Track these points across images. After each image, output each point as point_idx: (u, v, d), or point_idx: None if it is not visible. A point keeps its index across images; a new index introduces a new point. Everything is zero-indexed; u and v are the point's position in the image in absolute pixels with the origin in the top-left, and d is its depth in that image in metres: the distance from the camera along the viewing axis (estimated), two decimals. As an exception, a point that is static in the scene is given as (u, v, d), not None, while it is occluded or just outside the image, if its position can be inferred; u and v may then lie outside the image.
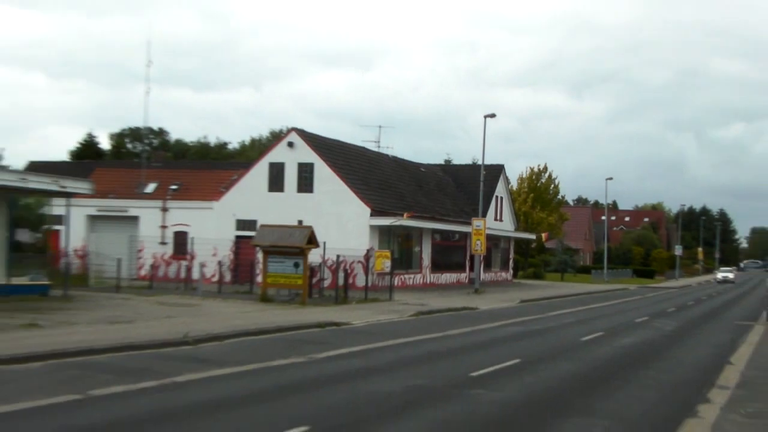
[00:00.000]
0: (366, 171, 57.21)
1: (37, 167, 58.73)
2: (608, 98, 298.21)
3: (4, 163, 70.38)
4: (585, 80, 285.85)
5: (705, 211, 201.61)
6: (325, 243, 41.37)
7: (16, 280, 34.26)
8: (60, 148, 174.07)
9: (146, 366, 18.40)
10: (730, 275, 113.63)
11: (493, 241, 67.73)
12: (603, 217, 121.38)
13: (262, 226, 41.53)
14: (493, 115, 57.81)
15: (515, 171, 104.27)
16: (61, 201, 40.03)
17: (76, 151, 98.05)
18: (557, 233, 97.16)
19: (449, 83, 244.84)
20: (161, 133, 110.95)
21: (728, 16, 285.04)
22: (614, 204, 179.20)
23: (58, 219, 46.25)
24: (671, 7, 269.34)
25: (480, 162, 59.14)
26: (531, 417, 14.63)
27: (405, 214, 52.12)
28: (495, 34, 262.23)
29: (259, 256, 41.10)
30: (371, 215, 51.31)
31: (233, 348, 22.45)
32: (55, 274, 39.48)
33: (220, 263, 48.68)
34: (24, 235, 45.61)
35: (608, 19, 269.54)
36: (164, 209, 55.52)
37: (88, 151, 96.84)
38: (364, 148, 63.61)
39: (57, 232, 48.75)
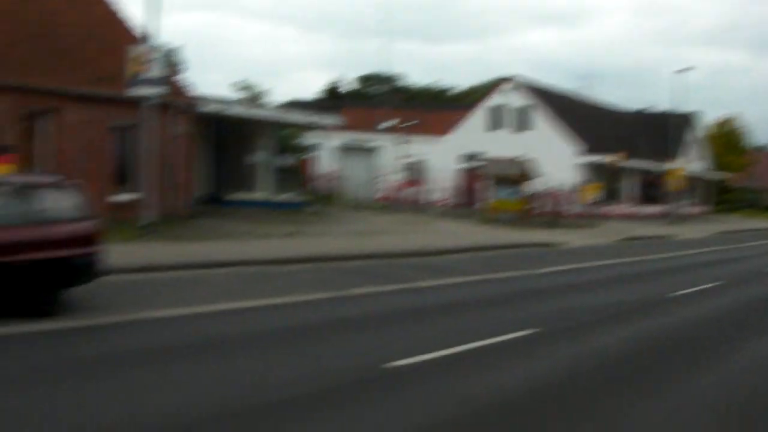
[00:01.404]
0: (575, 114, 55.91)
1: (294, 105, 60.50)
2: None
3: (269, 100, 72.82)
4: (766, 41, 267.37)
5: None
6: (539, 176, 40.78)
7: (280, 197, 35.47)
8: (310, 90, 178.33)
9: (390, 272, 18.74)
10: None
11: (687, 179, 65.03)
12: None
13: (488, 159, 41.39)
14: (687, 69, 55.13)
15: (705, 119, 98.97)
16: (315, 133, 41.08)
17: (324, 92, 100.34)
18: (746, 174, 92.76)
19: (644, 41, 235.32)
20: (396, 78, 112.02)
21: None
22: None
23: (312, 148, 47.70)
24: None
25: (675, 110, 56.86)
26: (721, 332, 13.83)
27: (618, 155, 50.47)
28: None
29: (483, 184, 41.09)
30: (581, 153, 50.32)
31: (462, 261, 22.55)
32: (308, 194, 40.70)
33: (447, 189, 49.04)
34: (284, 161, 47.08)
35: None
36: (400, 143, 56.20)
37: (335, 92, 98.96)
38: (572, 93, 62.10)
39: (310, 159, 50.17)
